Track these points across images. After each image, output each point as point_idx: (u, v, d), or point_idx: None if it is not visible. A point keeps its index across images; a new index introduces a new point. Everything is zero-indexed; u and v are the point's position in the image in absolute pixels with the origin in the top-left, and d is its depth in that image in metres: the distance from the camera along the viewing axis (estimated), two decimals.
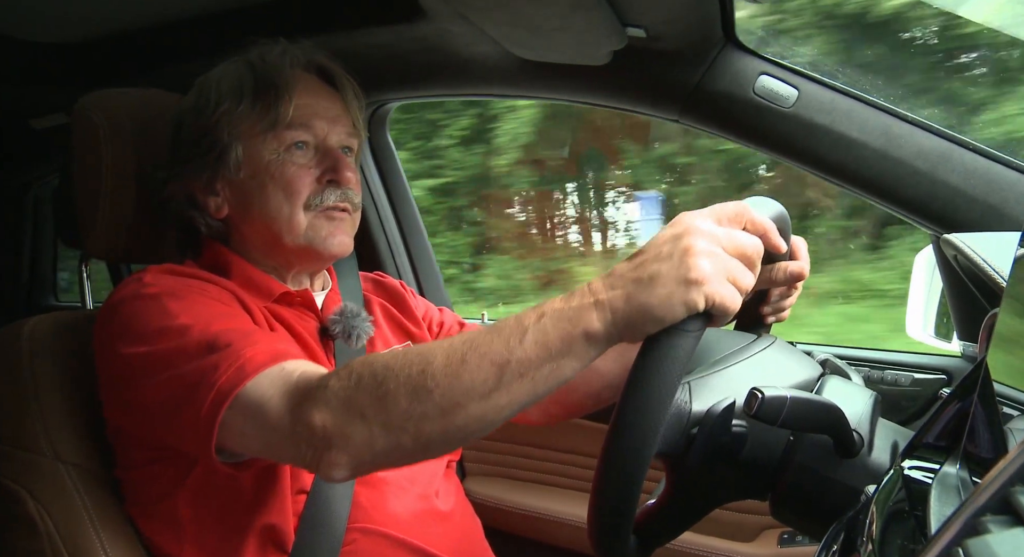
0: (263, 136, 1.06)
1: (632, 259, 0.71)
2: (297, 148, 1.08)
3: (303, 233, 1.07)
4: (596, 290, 0.70)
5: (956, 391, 0.73)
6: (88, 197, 1.16)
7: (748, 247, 0.70)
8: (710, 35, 1.35)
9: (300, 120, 1.07)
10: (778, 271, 0.96)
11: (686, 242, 0.68)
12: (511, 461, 1.86)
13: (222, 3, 1.45)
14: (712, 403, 0.78)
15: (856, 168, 1.32)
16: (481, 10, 1.23)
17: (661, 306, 0.67)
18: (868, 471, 0.79)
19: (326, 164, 1.08)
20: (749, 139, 1.41)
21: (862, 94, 1.34)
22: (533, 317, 0.72)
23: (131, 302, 0.96)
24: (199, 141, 1.09)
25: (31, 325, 1.10)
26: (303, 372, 0.84)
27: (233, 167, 1.08)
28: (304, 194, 1.07)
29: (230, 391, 0.83)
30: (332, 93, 1.13)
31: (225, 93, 1.08)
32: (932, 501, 0.55)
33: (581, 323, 0.70)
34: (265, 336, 0.91)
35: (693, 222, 0.69)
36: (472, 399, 0.72)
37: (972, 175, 1.26)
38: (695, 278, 0.66)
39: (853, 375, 0.94)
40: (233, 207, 1.10)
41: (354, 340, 1.11)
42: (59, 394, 1.06)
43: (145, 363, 0.90)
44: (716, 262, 0.67)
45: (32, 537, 1.01)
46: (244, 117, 1.07)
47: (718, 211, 0.71)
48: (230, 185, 1.09)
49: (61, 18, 1.51)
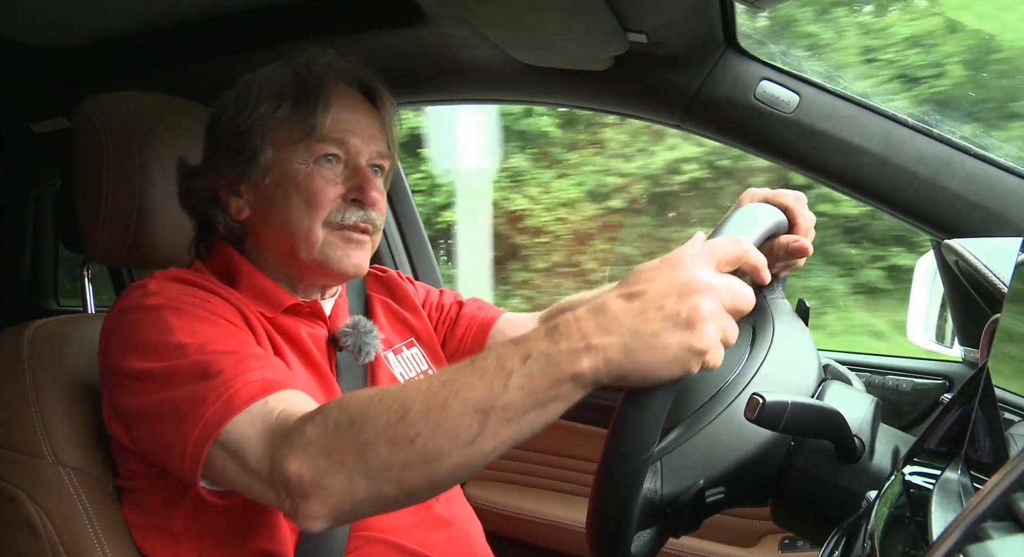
0: (295, 145, 1.05)
1: (629, 299, 0.66)
2: (326, 161, 1.06)
3: (319, 249, 1.05)
4: (588, 332, 0.66)
5: (957, 396, 0.73)
6: (89, 201, 1.16)
7: (744, 303, 0.68)
8: (711, 40, 1.35)
9: (335, 134, 1.06)
10: (779, 247, 0.95)
11: (694, 302, 0.64)
12: (512, 466, 1.86)
13: (223, 7, 1.45)
14: (683, 487, 0.78)
15: (857, 173, 1.33)
16: (483, 15, 1.24)
17: (660, 369, 0.64)
18: (869, 476, 0.79)
19: (353, 182, 1.06)
20: (750, 144, 1.41)
21: (863, 100, 1.34)
22: (518, 359, 0.67)
23: (133, 313, 0.95)
24: (232, 140, 1.08)
25: (32, 329, 1.10)
26: (283, 411, 0.82)
27: (260, 171, 1.06)
28: (326, 209, 1.05)
29: (216, 426, 0.82)
30: (372, 111, 1.11)
31: (265, 96, 1.07)
32: (933, 507, 0.55)
33: (570, 368, 0.66)
34: (258, 361, 0.89)
35: (698, 274, 0.66)
36: (456, 446, 0.69)
37: (973, 181, 1.26)
38: (700, 348, 0.64)
39: (854, 380, 0.94)
40: (254, 211, 1.09)
41: (363, 355, 1.11)
42: (60, 398, 1.06)
43: (140, 378, 0.90)
44: (718, 325, 0.65)
45: (32, 541, 1.01)
46: (280, 123, 1.06)
47: (720, 253, 0.68)
48: (254, 189, 1.08)
49: (62, 22, 1.51)
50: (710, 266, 0.67)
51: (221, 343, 0.90)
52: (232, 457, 0.82)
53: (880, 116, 1.32)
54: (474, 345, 1.28)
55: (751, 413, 0.71)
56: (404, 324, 1.27)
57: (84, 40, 1.57)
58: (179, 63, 1.58)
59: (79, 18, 1.49)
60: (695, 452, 0.80)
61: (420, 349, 1.25)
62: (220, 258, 1.11)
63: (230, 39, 1.52)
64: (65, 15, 1.47)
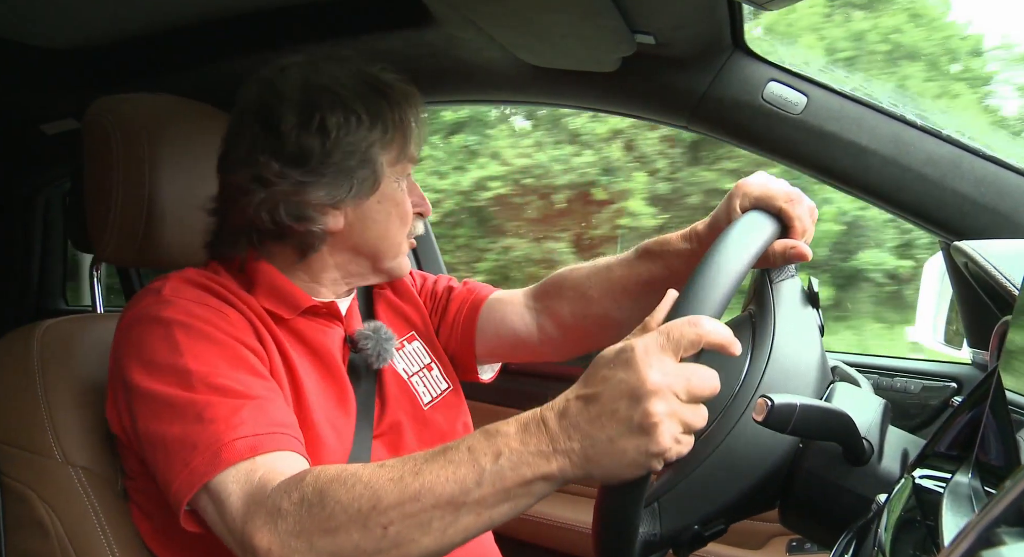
0: (391, 166, 1.09)
1: (586, 402, 0.69)
2: (404, 179, 1.12)
3: (398, 258, 1.13)
4: (554, 435, 0.69)
5: (968, 400, 0.73)
6: (99, 202, 1.16)
7: (706, 390, 0.68)
8: (719, 42, 1.35)
9: (415, 159, 1.13)
10: (776, 256, 0.93)
11: (645, 407, 0.66)
12: None
13: (231, 9, 1.46)
14: (682, 526, 0.80)
15: (865, 175, 1.32)
16: (490, 16, 1.24)
17: (621, 471, 0.68)
18: (878, 479, 0.79)
19: (415, 197, 1.13)
20: (758, 146, 1.40)
21: (871, 101, 1.33)
22: (490, 456, 0.71)
23: (145, 324, 0.96)
24: (325, 157, 1.03)
25: (42, 329, 1.10)
26: (265, 475, 0.83)
27: (366, 190, 1.06)
28: (408, 223, 1.12)
29: (201, 478, 0.84)
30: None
31: (359, 116, 1.04)
32: (944, 511, 0.55)
33: (539, 470, 0.70)
34: (253, 410, 0.89)
35: (649, 375, 0.66)
36: (426, 535, 0.73)
37: (982, 182, 1.25)
38: (657, 452, 0.67)
39: (862, 382, 0.93)
40: (349, 225, 1.07)
41: (379, 361, 1.12)
42: (69, 398, 1.06)
43: (143, 399, 0.92)
44: (676, 422, 0.67)
45: (41, 539, 1.02)
46: (378, 144, 1.06)
47: (676, 339, 0.68)
48: (355, 206, 1.06)
49: (72, 24, 1.52)
50: (667, 358, 0.68)
51: (225, 375, 0.91)
52: (213, 504, 0.85)
53: (889, 117, 1.32)
54: (465, 328, 1.27)
55: (759, 415, 0.71)
56: (404, 318, 1.27)
57: (94, 42, 1.58)
58: (188, 65, 1.58)
59: (89, 20, 1.50)
60: (692, 491, 0.80)
61: (421, 343, 1.26)
62: (237, 259, 1.10)
63: (239, 40, 1.52)
64: (75, 17, 1.48)
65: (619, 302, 1.17)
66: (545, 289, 1.26)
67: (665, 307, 0.76)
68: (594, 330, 1.20)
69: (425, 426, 1.16)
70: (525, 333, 1.25)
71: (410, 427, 1.14)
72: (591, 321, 1.20)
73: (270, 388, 0.95)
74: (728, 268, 0.77)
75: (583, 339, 1.23)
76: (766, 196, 0.95)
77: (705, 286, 0.74)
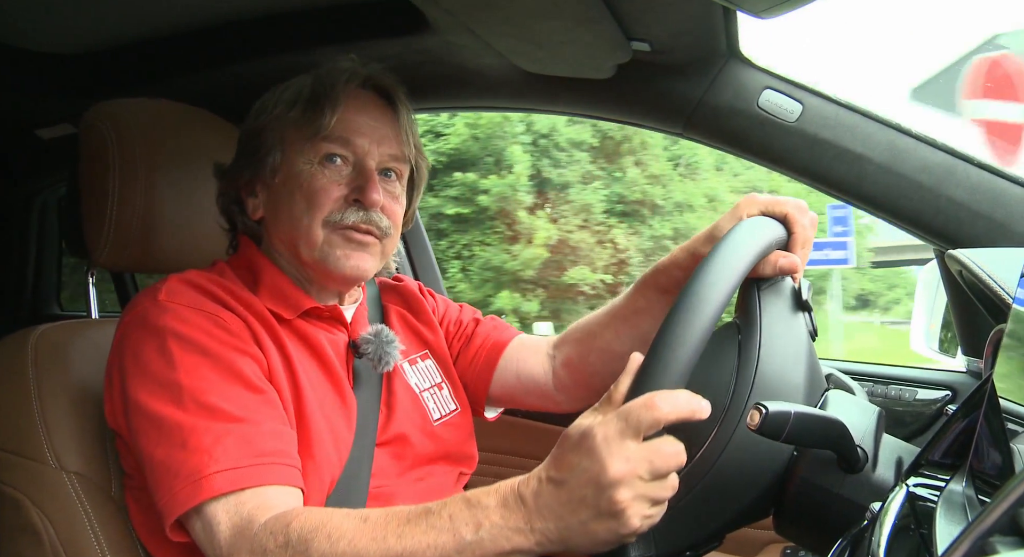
0: (302, 145, 1.07)
1: (557, 486, 0.73)
2: (330, 161, 1.06)
3: (319, 248, 1.06)
4: (530, 513, 0.74)
5: (962, 408, 0.73)
6: (95, 207, 1.16)
7: (670, 465, 0.72)
8: (714, 49, 1.35)
9: (340, 133, 1.06)
10: (766, 265, 0.92)
11: (610, 495, 0.70)
12: (511, 473, 1.85)
13: (229, 15, 1.46)
14: (675, 549, 0.81)
15: (860, 182, 1.33)
16: (487, 23, 1.24)
17: (598, 547, 0.73)
18: (872, 487, 0.79)
19: (356, 183, 1.07)
20: (753, 153, 1.41)
21: (866, 109, 1.34)
22: (471, 527, 0.75)
23: (141, 331, 0.97)
24: (248, 141, 1.11)
25: (37, 334, 1.10)
26: (253, 509, 0.85)
27: (271, 171, 1.09)
28: (326, 208, 1.05)
29: (182, 505, 0.86)
30: (386, 114, 1.11)
31: (282, 99, 1.10)
32: (938, 519, 0.55)
33: (516, 544, 0.74)
34: (237, 437, 0.89)
35: (610, 465, 0.70)
36: None
37: (977, 190, 1.26)
38: (627, 533, 0.71)
39: (857, 390, 0.93)
40: (267, 210, 1.11)
41: (381, 365, 1.11)
42: (63, 403, 1.06)
43: (136, 411, 0.93)
44: (643, 502, 0.71)
45: (35, 546, 1.01)
46: (291, 123, 1.08)
47: (635, 425, 0.71)
48: (268, 188, 1.10)
49: (69, 29, 1.52)
50: (628, 443, 0.71)
51: (216, 393, 0.91)
52: (202, 526, 0.87)
53: (884, 125, 1.32)
54: (485, 365, 1.27)
55: (753, 424, 0.71)
56: (419, 337, 1.27)
57: (90, 47, 1.58)
58: (185, 70, 1.59)
59: (86, 25, 1.50)
60: (686, 513, 0.80)
61: (434, 362, 1.25)
62: (244, 256, 1.13)
63: (236, 46, 1.52)
64: (71, 22, 1.48)
65: (619, 333, 1.17)
66: (563, 336, 1.27)
67: (629, 375, 0.77)
68: (598, 365, 1.20)
69: (433, 440, 1.15)
70: (543, 380, 1.25)
71: (418, 439, 1.13)
72: (595, 356, 1.20)
73: (265, 401, 0.95)
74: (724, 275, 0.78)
75: (590, 378, 1.21)
76: (773, 203, 0.96)
77: (672, 344, 0.74)
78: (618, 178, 15.03)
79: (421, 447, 1.13)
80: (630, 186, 14.92)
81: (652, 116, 1.48)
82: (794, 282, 0.94)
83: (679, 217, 15.24)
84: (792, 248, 0.95)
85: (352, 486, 1.02)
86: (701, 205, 15.49)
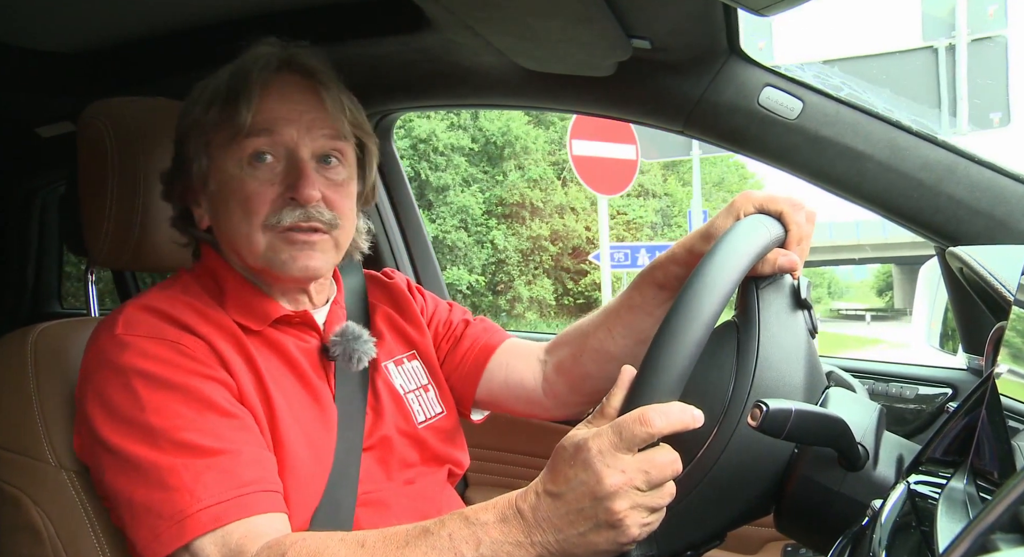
0: (226, 146, 1.00)
1: (554, 499, 0.73)
2: (258, 160, 0.99)
3: (262, 254, 1.00)
4: (530, 527, 0.74)
5: (963, 405, 0.73)
6: (94, 205, 1.16)
7: (666, 475, 0.73)
8: (715, 47, 1.35)
9: (262, 125, 0.98)
10: (764, 263, 0.91)
11: (607, 506, 0.71)
12: (513, 471, 1.85)
13: (228, 12, 1.46)
14: (678, 548, 0.82)
15: (860, 180, 1.32)
16: (487, 21, 1.24)
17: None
18: (873, 484, 0.79)
19: (289, 180, 0.99)
20: (753, 151, 1.41)
21: (867, 106, 1.34)
22: (471, 545, 0.75)
23: (103, 370, 0.94)
24: (177, 150, 1.06)
25: (36, 332, 1.10)
26: (243, 537, 0.84)
27: (200, 180, 1.03)
28: (262, 213, 0.99)
29: (169, 546, 0.85)
30: (312, 96, 1.02)
31: (201, 100, 1.02)
32: (939, 516, 0.55)
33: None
34: (216, 472, 0.88)
35: (606, 477, 0.71)
36: None
37: (977, 188, 1.26)
38: (626, 541, 0.72)
39: (857, 387, 0.93)
40: (211, 219, 1.06)
41: (354, 363, 1.08)
42: (63, 401, 1.06)
43: (108, 450, 0.91)
44: (640, 511, 0.72)
45: (35, 543, 1.01)
46: (211, 125, 1.01)
47: (628, 438, 0.71)
48: (207, 197, 1.04)
49: (68, 27, 1.52)
50: (621, 455, 0.71)
51: (190, 428, 0.89)
52: None
53: (884, 123, 1.32)
54: (473, 368, 1.24)
55: (755, 421, 0.71)
56: (405, 337, 1.23)
57: (90, 46, 1.58)
58: (184, 68, 1.58)
59: (85, 24, 1.50)
60: (687, 514, 0.80)
61: (421, 363, 1.23)
62: (206, 265, 1.09)
63: (235, 45, 1.52)
64: (71, 21, 1.48)
65: (612, 331, 1.15)
66: (556, 340, 1.25)
67: (622, 388, 0.77)
68: (590, 367, 1.17)
69: (417, 444, 1.13)
70: (531, 385, 1.22)
71: (401, 442, 1.11)
72: (587, 356, 1.17)
73: (240, 426, 0.93)
74: (721, 278, 0.78)
75: (582, 381, 1.18)
76: (769, 200, 0.96)
77: (666, 355, 0.74)
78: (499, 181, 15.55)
79: (405, 450, 1.11)
80: (510, 189, 15.43)
81: (652, 114, 1.48)
82: (793, 279, 0.93)
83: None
84: (789, 246, 0.94)
85: (339, 495, 1.00)
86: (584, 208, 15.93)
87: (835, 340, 18.06)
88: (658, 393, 0.73)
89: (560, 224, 16.74)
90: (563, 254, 16.55)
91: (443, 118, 15.11)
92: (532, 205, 16.39)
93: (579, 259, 16.20)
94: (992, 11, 4.47)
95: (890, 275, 42.56)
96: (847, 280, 60.28)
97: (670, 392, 0.73)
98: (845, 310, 42.85)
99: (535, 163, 16.51)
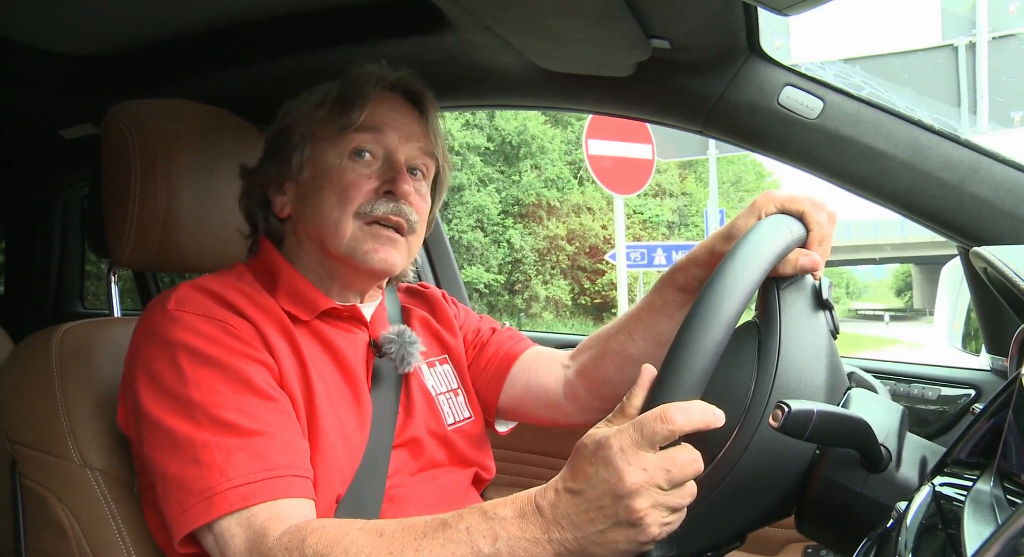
0: (331, 140, 1.08)
1: (574, 496, 0.73)
2: (359, 155, 1.08)
3: (346, 241, 1.06)
4: (549, 524, 0.73)
5: (989, 406, 0.72)
6: (117, 207, 1.17)
7: (687, 474, 0.72)
8: (734, 46, 1.34)
9: (370, 124, 1.08)
10: (786, 264, 0.91)
11: (628, 504, 0.70)
12: (532, 471, 1.85)
13: (249, 15, 1.47)
14: (697, 550, 0.81)
15: (882, 180, 1.31)
16: (506, 21, 1.24)
17: (615, 556, 0.73)
18: (896, 486, 0.78)
19: (387, 175, 1.08)
20: (774, 151, 1.40)
21: (888, 105, 1.33)
22: (489, 539, 0.75)
23: (152, 343, 0.97)
24: (275, 139, 1.14)
25: (61, 332, 1.11)
26: (266, 521, 0.85)
27: (298, 167, 1.10)
28: (357, 201, 1.06)
29: (194, 521, 0.87)
30: (414, 114, 1.14)
31: (310, 100, 1.12)
32: (966, 519, 0.55)
33: (535, 554, 0.74)
34: (247, 453, 0.90)
35: (627, 475, 0.70)
36: None
37: (1001, 187, 1.24)
38: (646, 540, 0.72)
39: (879, 388, 0.93)
40: (294, 207, 1.12)
41: (403, 365, 1.11)
42: (87, 400, 1.07)
43: (148, 423, 0.93)
44: (661, 510, 0.71)
45: (60, 541, 1.02)
46: (318, 121, 1.10)
47: (649, 436, 0.71)
48: (296, 185, 1.12)
49: (91, 30, 1.53)
50: (643, 453, 0.71)
51: (228, 406, 0.92)
52: (215, 540, 0.87)
53: (906, 122, 1.31)
54: (497, 373, 1.26)
55: (776, 422, 0.71)
56: (439, 341, 1.27)
57: (113, 48, 1.59)
58: (206, 70, 1.60)
59: (108, 26, 1.51)
60: (707, 515, 0.80)
61: (452, 368, 1.25)
62: (263, 259, 1.14)
63: (256, 47, 1.53)
64: (94, 24, 1.50)
65: (632, 334, 1.15)
66: (579, 346, 1.26)
67: (643, 387, 0.77)
68: (611, 370, 1.17)
69: (445, 445, 1.15)
70: (553, 390, 1.24)
71: (430, 442, 1.13)
72: (608, 360, 1.18)
73: (277, 409, 0.95)
74: (742, 278, 0.78)
75: (603, 385, 1.19)
76: (790, 200, 0.95)
77: (687, 354, 0.74)
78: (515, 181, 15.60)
79: (434, 450, 1.13)
80: (526, 189, 15.49)
81: (672, 114, 1.48)
82: (814, 280, 0.93)
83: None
84: (810, 246, 0.94)
85: (366, 488, 1.02)
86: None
87: (853, 340, 17.94)
88: (679, 392, 0.73)
89: (577, 223, 16.76)
90: (580, 253, 16.55)
91: (458, 117, 15.16)
92: (548, 205, 16.44)
93: (596, 258, 16.19)
94: (1013, 8, 4.42)
95: (909, 275, 42.24)
96: (865, 280, 59.84)
97: (691, 392, 0.73)
98: (863, 310, 42.53)
99: (552, 163, 16.55)
